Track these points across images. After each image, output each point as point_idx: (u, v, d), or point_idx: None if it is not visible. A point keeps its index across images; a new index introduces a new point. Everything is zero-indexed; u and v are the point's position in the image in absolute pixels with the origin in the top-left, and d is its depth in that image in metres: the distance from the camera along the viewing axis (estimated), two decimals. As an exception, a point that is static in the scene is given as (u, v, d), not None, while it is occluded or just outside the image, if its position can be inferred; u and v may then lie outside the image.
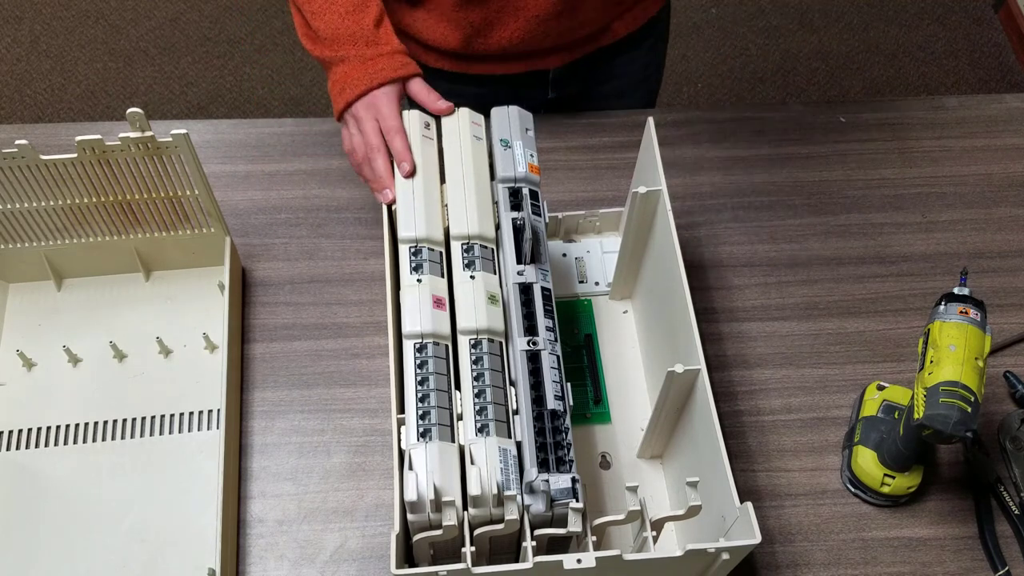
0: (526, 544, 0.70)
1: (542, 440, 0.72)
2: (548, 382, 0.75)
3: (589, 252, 1.07)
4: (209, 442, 0.94)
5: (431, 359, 0.74)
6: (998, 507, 0.94)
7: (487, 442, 0.71)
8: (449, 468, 0.70)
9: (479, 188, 0.84)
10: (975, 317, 0.84)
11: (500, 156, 0.85)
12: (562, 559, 0.68)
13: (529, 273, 0.80)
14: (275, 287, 1.05)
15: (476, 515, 0.70)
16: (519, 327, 0.77)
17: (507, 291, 0.80)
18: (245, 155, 1.15)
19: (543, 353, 0.76)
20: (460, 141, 0.87)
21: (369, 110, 0.88)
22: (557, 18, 1.01)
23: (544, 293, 0.80)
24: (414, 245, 0.80)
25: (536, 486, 0.70)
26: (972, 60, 2.44)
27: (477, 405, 0.73)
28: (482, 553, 0.74)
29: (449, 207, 0.83)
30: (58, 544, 0.89)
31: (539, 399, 0.74)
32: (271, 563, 0.89)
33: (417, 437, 0.71)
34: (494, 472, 0.69)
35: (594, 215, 1.05)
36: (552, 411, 0.74)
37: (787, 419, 0.98)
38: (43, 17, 2.39)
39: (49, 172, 0.90)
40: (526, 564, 0.68)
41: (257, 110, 2.25)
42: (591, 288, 1.04)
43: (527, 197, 0.83)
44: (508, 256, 0.81)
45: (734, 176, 1.15)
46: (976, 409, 0.79)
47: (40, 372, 0.99)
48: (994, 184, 1.17)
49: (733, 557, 0.71)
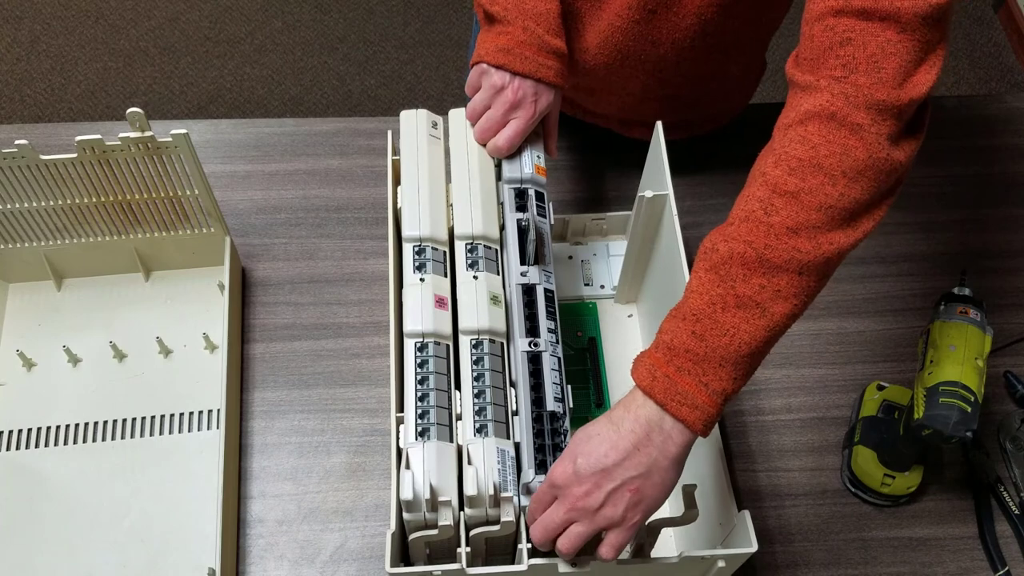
0: (521, 546, 0.69)
1: (540, 442, 0.72)
2: (548, 384, 0.75)
3: (595, 255, 1.06)
4: (209, 442, 0.94)
5: (431, 358, 0.74)
6: (998, 507, 0.94)
7: (485, 443, 0.71)
8: (446, 468, 0.70)
9: (484, 189, 0.84)
10: (975, 317, 0.84)
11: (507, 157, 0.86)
12: (557, 562, 0.68)
13: (532, 274, 0.80)
14: (275, 287, 1.05)
15: (472, 515, 0.69)
16: (521, 328, 0.77)
17: (510, 292, 0.80)
18: (245, 155, 1.15)
19: (544, 355, 0.76)
20: (467, 141, 0.86)
21: (522, 84, 0.83)
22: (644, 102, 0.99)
23: (547, 295, 0.80)
24: (418, 244, 0.80)
25: (533, 487, 0.70)
26: (972, 60, 2.44)
27: (476, 405, 0.73)
28: (478, 554, 0.74)
29: (454, 207, 0.83)
30: (58, 544, 0.89)
31: (539, 400, 0.74)
32: (271, 563, 0.89)
33: (415, 436, 0.71)
34: (491, 473, 0.69)
35: (601, 218, 1.05)
36: (552, 413, 0.74)
37: (787, 419, 0.98)
38: (43, 17, 2.39)
39: (49, 172, 0.90)
40: (521, 566, 0.68)
41: (257, 110, 2.25)
42: (596, 291, 1.04)
43: (533, 198, 0.83)
44: (512, 257, 0.81)
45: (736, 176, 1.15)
46: (976, 409, 0.79)
47: (40, 372, 0.99)
48: (994, 184, 1.17)
49: (729, 565, 0.71)
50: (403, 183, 0.84)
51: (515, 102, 0.83)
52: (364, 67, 2.34)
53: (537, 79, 0.83)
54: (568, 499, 0.65)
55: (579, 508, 0.65)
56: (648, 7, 0.88)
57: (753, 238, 0.63)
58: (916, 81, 0.63)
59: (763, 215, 0.63)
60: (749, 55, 1.06)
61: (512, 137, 0.84)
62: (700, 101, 1.09)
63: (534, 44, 0.83)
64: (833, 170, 0.63)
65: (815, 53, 0.65)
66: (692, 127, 1.14)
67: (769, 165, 0.65)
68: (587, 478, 0.64)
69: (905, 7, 0.61)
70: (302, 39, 2.38)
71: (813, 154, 0.63)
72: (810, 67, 0.66)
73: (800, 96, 0.66)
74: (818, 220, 0.63)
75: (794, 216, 0.63)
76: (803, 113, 0.65)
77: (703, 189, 1.14)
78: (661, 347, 0.65)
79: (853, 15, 0.63)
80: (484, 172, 0.85)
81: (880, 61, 0.62)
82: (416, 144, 0.86)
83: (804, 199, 0.63)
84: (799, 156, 0.63)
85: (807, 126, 0.64)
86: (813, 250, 0.63)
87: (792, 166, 0.64)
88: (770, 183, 0.64)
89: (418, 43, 2.39)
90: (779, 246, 0.63)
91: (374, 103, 2.28)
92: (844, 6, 0.63)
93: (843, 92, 0.63)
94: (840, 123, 0.63)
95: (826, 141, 0.63)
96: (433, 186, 0.84)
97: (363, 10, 2.45)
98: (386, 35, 2.41)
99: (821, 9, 0.65)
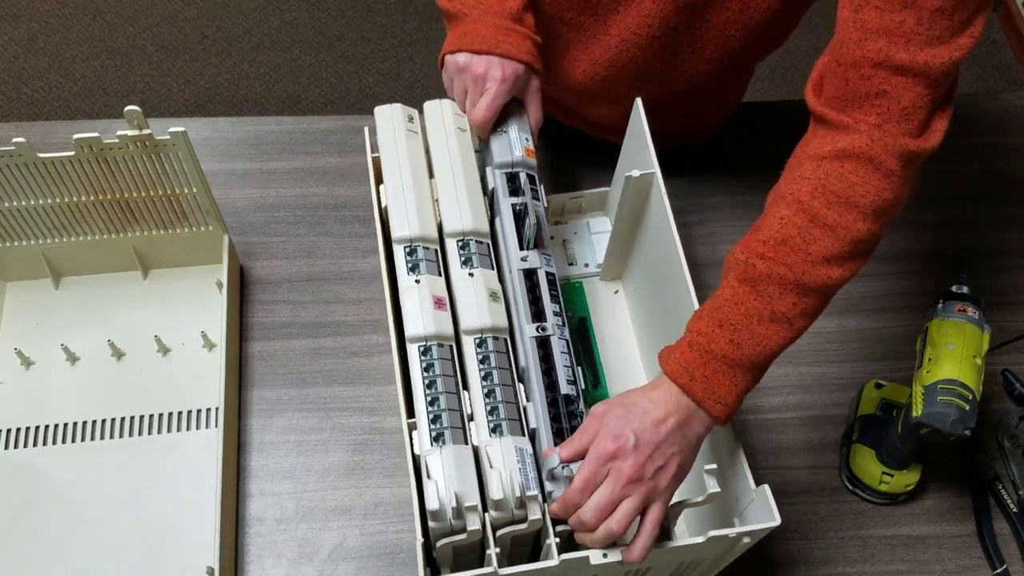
0: (549, 541, 0.69)
1: (558, 426, 0.72)
2: (560, 367, 0.75)
3: (576, 234, 1.06)
4: (207, 440, 0.94)
5: (437, 361, 0.73)
6: (996, 505, 0.94)
7: (503, 442, 0.70)
8: (466, 472, 0.69)
9: (469, 181, 0.82)
10: (973, 315, 0.84)
11: (495, 141, 0.84)
12: (588, 555, 0.68)
13: (533, 259, 0.79)
14: (273, 285, 1.05)
15: (498, 517, 0.69)
16: (526, 314, 0.76)
17: (511, 278, 0.79)
18: (243, 153, 1.15)
19: (552, 338, 0.76)
20: (445, 134, 0.85)
21: (483, 61, 0.84)
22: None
23: (548, 278, 0.79)
24: (409, 245, 0.79)
25: (557, 473, 0.69)
26: (970, 58, 2.44)
27: (488, 405, 0.72)
28: (504, 553, 0.73)
29: (441, 202, 0.81)
30: (56, 543, 0.89)
31: (552, 384, 0.74)
32: (269, 561, 0.89)
33: (431, 442, 0.70)
34: (513, 473, 0.69)
35: (580, 196, 1.05)
36: (566, 396, 0.74)
37: (785, 417, 0.99)
38: (40, 15, 2.38)
39: (47, 170, 0.89)
40: (552, 561, 0.67)
41: (255, 108, 2.25)
42: (581, 270, 1.04)
43: (526, 182, 0.82)
44: (510, 242, 0.80)
45: (732, 174, 1.15)
46: (974, 407, 0.79)
47: (38, 371, 0.99)
48: (992, 182, 1.17)
49: (752, 540, 0.71)
50: (386, 181, 0.82)
51: (481, 75, 0.84)
52: (362, 65, 2.34)
53: (499, 54, 0.84)
54: (622, 474, 0.67)
55: (633, 482, 0.68)
56: (671, 24, 0.89)
57: (792, 263, 0.70)
58: (934, 129, 0.70)
59: (801, 243, 0.70)
60: (753, 67, 1.07)
61: (486, 107, 0.83)
62: (703, 111, 1.10)
63: (491, 25, 0.84)
64: (865, 208, 0.70)
65: (850, 97, 0.70)
66: (691, 135, 1.14)
67: (806, 194, 0.71)
68: (643, 448, 0.68)
69: (935, 65, 0.67)
70: (300, 37, 2.38)
71: (851, 193, 0.70)
72: (841, 107, 0.71)
73: (836, 134, 0.71)
74: (848, 251, 0.71)
75: (830, 248, 0.70)
76: (840, 151, 0.70)
77: (703, 187, 1.14)
78: (697, 349, 0.71)
79: (890, 70, 0.68)
80: (467, 163, 0.83)
81: (911, 114, 0.69)
82: (395, 140, 0.84)
83: (840, 233, 0.70)
84: (837, 192, 0.70)
85: (844, 163, 0.70)
86: (840, 276, 0.71)
87: (830, 200, 0.70)
88: (808, 212, 0.70)
89: (416, 41, 2.39)
90: (814, 272, 0.70)
91: (372, 101, 2.28)
92: (883, 61, 0.68)
93: (882, 140, 0.69)
94: (876, 167, 0.70)
95: (863, 181, 0.70)
96: (417, 183, 0.82)
97: (361, 8, 2.45)
98: (384, 33, 2.40)
99: (857, 57, 0.69)
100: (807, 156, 0.72)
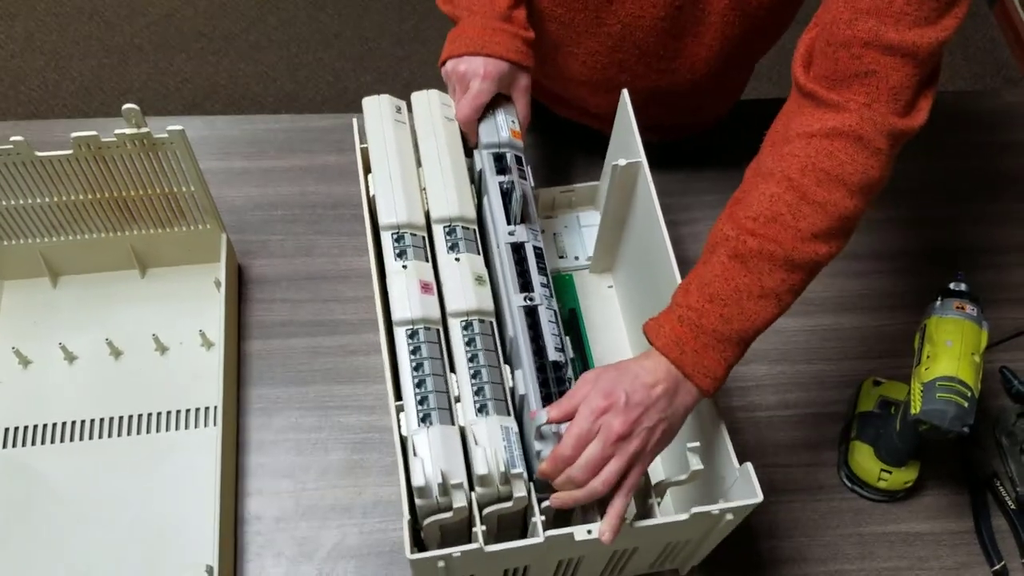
0: (535, 519, 0.70)
1: (547, 391, 0.73)
2: (548, 335, 0.76)
3: (567, 227, 1.07)
4: (206, 439, 0.94)
5: (424, 344, 0.74)
6: (994, 502, 0.94)
7: (488, 421, 0.72)
8: (453, 451, 0.70)
9: (456, 168, 0.84)
10: (971, 313, 0.84)
11: (483, 126, 0.86)
12: (573, 531, 0.69)
13: (520, 232, 0.81)
14: (271, 284, 1.05)
15: (483, 494, 0.70)
16: (514, 285, 0.77)
17: (499, 252, 0.80)
18: (241, 151, 1.15)
19: (540, 308, 0.77)
20: (433, 123, 0.87)
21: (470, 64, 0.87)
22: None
23: (536, 252, 0.80)
24: (396, 231, 0.80)
25: (545, 431, 0.70)
26: (967, 56, 2.44)
27: (474, 386, 0.73)
28: (490, 531, 0.74)
29: (428, 189, 0.83)
30: (55, 542, 0.89)
31: (540, 351, 0.75)
32: (268, 560, 0.89)
33: (418, 423, 0.71)
34: (498, 450, 0.70)
35: (570, 190, 1.06)
36: (554, 362, 0.75)
37: (783, 415, 0.99)
38: (37, 13, 2.38)
39: (44, 169, 0.89)
40: (537, 539, 0.68)
41: (252, 106, 2.25)
42: (571, 263, 1.05)
43: (513, 161, 0.84)
44: (498, 219, 0.81)
45: (726, 172, 1.15)
46: (973, 404, 0.80)
47: (36, 370, 0.98)
48: (989, 179, 1.17)
49: (736, 518, 0.72)
50: (374, 170, 0.84)
51: (463, 74, 0.86)
52: (360, 63, 2.34)
53: (485, 55, 0.85)
54: (612, 430, 0.68)
55: (622, 439, 0.69)
56: (676, 3, 0.90)
57: (782, 239, 0.71)
58: (920, 108, 0.71)
59: (791, 220, 0.70)
60: (752, 63, 1.07)
61: (467, 105, 0.85)
62: (703, 104, 1.10)
63: (478, 26, 0.86)
64: (853, 186, 0.71)
65: (839, 76, 0.71)
66: (692, 128, 1.14)
67: (795, 171, 0.71)
68: (633, 408, 0.69)
69: (923, 45, 0.68)
70: (297, 35, 2.38)
71: (840, 171, 0.70)
72: (830, 85, 0.72)
73: (825, 112, 0.72)
74: (836, 228, 0.71)
75: (819, 224, 0.71)
76: (830, 129, 0.71)
77: (701, 184, 1.13)
78: (688, 323, 0.72)
79: (879, 50, 0.68)
80: (454, 152, 0.85)
81: (899, 93, 0.70)
82: (383, 130, 0.85)
83: (829, 210, 0.70)
84: (827, 169, 0.70)
85: (834, 142, 0.70)
86: (826, 253, 0.72)
87: (820, 178, 0.70)
88: (798, 189, 0.71)
89: (414, 39, 2.39)
90: (804, 249, 0.71)
91: (370, 99, 2.28)
92: (872, 40, 0.68)
93: (871, 119, 0.70)
94: (865, 146, 0.70)
95: (852, 160, 0.70)
96: (405, 171, 0.84)
97: (359, 6, 2.45)
98: (382, 31, 2.40)
99: (848, 37, 0.69)
100: (795, 133, 0.72)
